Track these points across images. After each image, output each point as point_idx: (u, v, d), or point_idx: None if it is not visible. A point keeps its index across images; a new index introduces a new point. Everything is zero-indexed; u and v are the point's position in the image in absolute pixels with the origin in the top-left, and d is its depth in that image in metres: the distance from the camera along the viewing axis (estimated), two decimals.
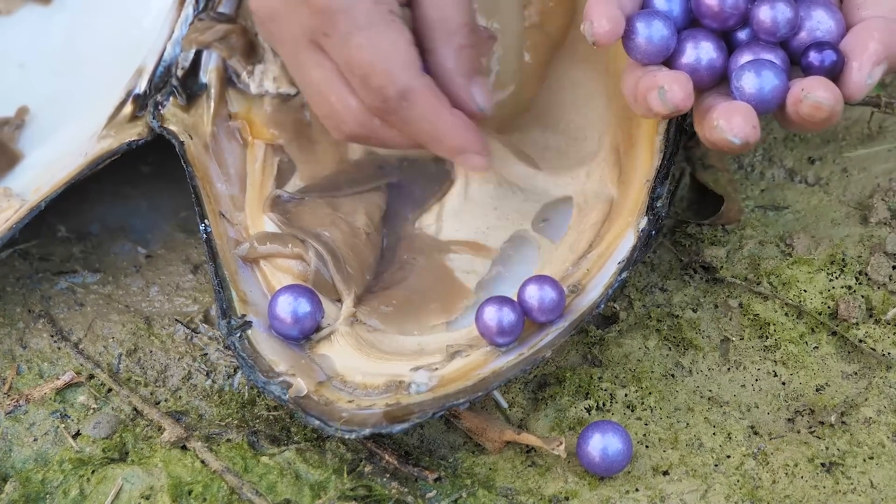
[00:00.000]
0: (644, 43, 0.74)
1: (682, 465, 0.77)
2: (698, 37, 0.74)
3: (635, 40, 0.74)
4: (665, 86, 0.72)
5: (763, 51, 0.73)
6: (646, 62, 0.75)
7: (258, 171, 0.86)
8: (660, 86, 0.72)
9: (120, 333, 0.84)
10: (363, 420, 0.74)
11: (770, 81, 0.72)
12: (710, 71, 0.74)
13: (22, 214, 0.83)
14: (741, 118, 0.71)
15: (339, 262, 0.81)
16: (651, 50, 0.74)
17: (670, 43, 0.74)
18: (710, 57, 0.74)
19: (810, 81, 0.71)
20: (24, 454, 0.79)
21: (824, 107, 0.70)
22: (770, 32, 0.73)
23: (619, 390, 0.80)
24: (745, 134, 0.71)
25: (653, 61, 0.74)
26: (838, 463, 0.77)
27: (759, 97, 0.72)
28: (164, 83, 0.88)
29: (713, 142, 0.72)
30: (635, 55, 0.75)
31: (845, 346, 0.82)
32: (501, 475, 0.77)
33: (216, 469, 0.76)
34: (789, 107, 0.72)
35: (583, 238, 0.82)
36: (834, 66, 0.72)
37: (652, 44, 0.74)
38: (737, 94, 0.73)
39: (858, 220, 0.88)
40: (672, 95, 0.72)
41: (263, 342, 0.78)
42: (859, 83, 0.71)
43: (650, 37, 0.74)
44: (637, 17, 0.74)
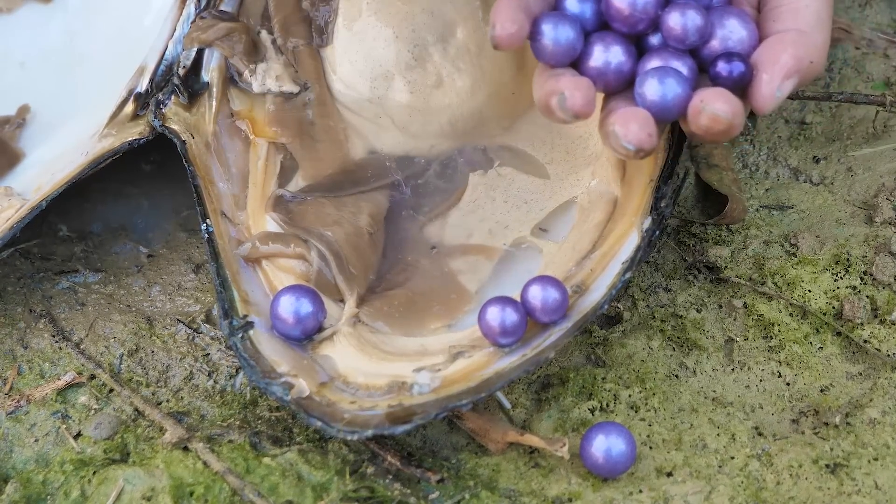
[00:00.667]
0: (550, 45, 0.73)
1: (686, 466, 0.77)
2: (607, 40, 0.74)
3: (541, 42, 0.74)
4: (566, 92, 0.72)
5: (672, 58, 0.73)
6: (553, 64, 0.74)
7: (260, 169, 0.86)
8: (561, 91, 0.72)
9: (121, 333, 0.84)
10: (365, 421, 0.74)
11: (672, 90, 0.71)
12: (617, 75, 0.74)
13: (23, 214, 0.83)
14: (637, 125, 0.71)
15: (342, 261, 0.81)
16: (557, 52, 0.74)
17: (577, 45, 0.74)
18: (619, 60, 0.74)
19: (710, 93, 0.71)
20: (25, 455, 0.79)
21: (721, 119, 0.70)
22: (679, 40, 0.73)
23: (623, 391, 0.80)
24: (640, 141, 0.71)
25: (560, 63, 0.74)
26: (843, 464, 0.77)
27: (661, 105, 0.72)
28: (166, 82, 0.88)
29: (609, 146, 0.72)
30: (542, 57, 0.74)
31: (850, 347, 0.82)
32: (504, 476, 0.77)
33: (218, 470, 0.76)
34: (689, 117, 0.71)
35: (586, 238, 0.81)
36: (742, 77, 0.72)
37: (558, 46, 0.73)
38: (639, 101, 0.72)
39: (863, 220, 0.88)
40: (572, 102, 0.72)
41: (265, 343, 0.78)
42: (768, 96, 0.71)
43: (556, 39, 0.73)
44: (543, 18, 0.74)
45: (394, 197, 0.86)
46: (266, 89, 0.88)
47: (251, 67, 0.88)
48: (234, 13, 0.89)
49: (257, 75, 0.88)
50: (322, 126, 0.88)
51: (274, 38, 0.89)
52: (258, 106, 0.88)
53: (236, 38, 0.88)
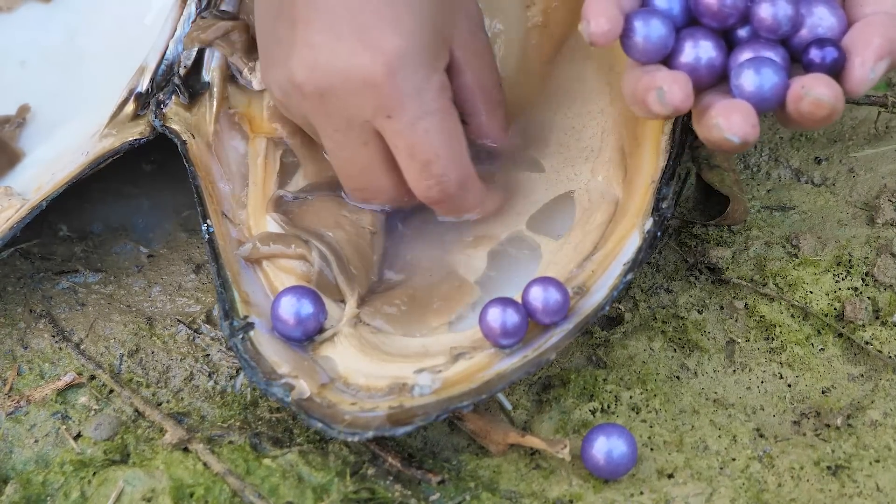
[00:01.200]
0: (642, 42, 0.73)
1: (688, 467, 0.77)
2: (697, 35, 0.74)
3: (633, 39, 0.73)
4: (664, 86, 0.72)
5: (763, 48, 0.73)
6: (644, 61, 0.74)
7: (260, 167, 0.86)
8: (658, 86, 0.72)
9: (121, 334, 0.84)
10: (366, 423, 0.73)
11: (770, 79, 0.71)
12: (709, 70, 0.74)
13: (23, 214, 0.83)
14: (740, 116, 0.70)
15: (343, 262, 0.81)
16: (649, 49, 0.74)
17: (668, 42, 0.74)
18: (710, 56, 0.74)
19: (811, 78, 0.71)
20: (25, 456, 0.78)
21: (825, 103, 0.70)
22: (771, 30, 0.73)
23: (624, 392, 0.80)
24: (745, 133, 0.70)
25: (651, 60, 0.74)
26: (844, 466, 0.76)
27: (759, 95, 0.71)
28: (167, 82, 0.88)
29: (712, 140, 0.71)
30: (633, 54, 0.74)
31: (851, 348, 0.82)
32: (505, 478, 0.77)
33: (218, 471, 0.76)
34: (790, 104, 0.71)
35: (588, 239, 0.81)
36: (835, 63, 0.72)
37: (650, 43, 0.73)
38: (736, 93, 0.72)
39: (865, 221, 0.88)
40: (671, 96, 0.71)
41: (266, 343, 0.78)
42: (862, 78, 0.71)
43: (648, 36, 0.73)
44: (635, 15, 0.74)
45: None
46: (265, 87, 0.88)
47: (251, 65, 0.88)
48: (234, 12, 0.89)
49: (256, 73, 0.88)
50: None
51: None
52: (256, 104, 0.88)
53: (236, 36, 0.88)
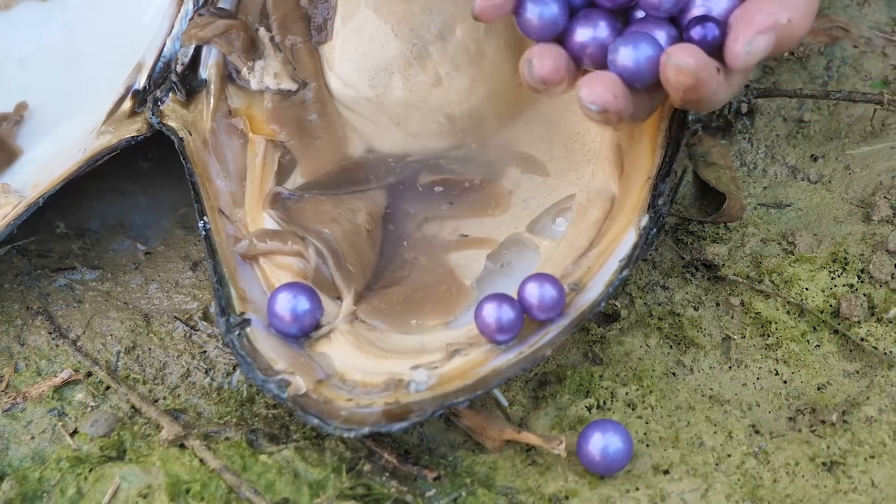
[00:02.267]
0: (534, 20, 0.75)
1: (683, 464, 0.77)
2: (592, 15, 0.75)
3: (525, 16, 0.75)
4: (534, 59, 0.73)
5: (652, 27, 0.74)
6: (537, 39, 0.76)
7: (258, 167, 0.86)
8: (529, 59, 0.73)
9: (118, 331, 0.84)
10: (362, 419, 0.73)
11: (644, 53, 0.73)
12: (601, 49, 0.75)
13: (20, 211, 0.83)
14: (602, 87, 0.72)
15: (340, 259, 0.81)
16: (541, 27, 0.75)
17: (560, 20, 0.75)
18: (602, 35, 0.75)
19: (676, 47, 0.72)
20: (22, 452, 0.78)
21: (685, 70, 0.71)
22: (654, 7, 0.74)
23: (620, 389, 0.80)
24: (604, 101, 0.72)
25: (543, 38, 0.76)
26: (839, 462, 0.76)
27: (634, 69, 0.73)
28: (164, 79, 0.88)
29: (582, 112, 0.73)
30: (527, 32, 0.76)
31: (847, 345, 0.82)
32: (501, 474, 0.77)
33: (214, 467, 0.76)
34: (661, 75, 0.72)
35: (583, 236, 0.81)
36: (716, 40, 0.73)
37: (542, 21, 0.75)
38: (611, 68, 0.74)
39: (861, 218, 0.88)
40: (540, 67, 0.73)
41: (262, 340, 0.78)
42: (738, 52, 0.72)
43: (541, 14, 0.75)
44: None
45: (392, 195, 0.86)
46: (264, 87, 0.88)
47: (249, 65, 0.88)
48: (232, 10, 0.89)
49: (255, 73, 0.88)
50: (320, 123, 0.88)
51: (272, 36, 0.89)
52: (256, 103, 0.88)
53: (234, 35, 0.88)
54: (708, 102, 0.73)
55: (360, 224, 0.83)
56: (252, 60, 0.88)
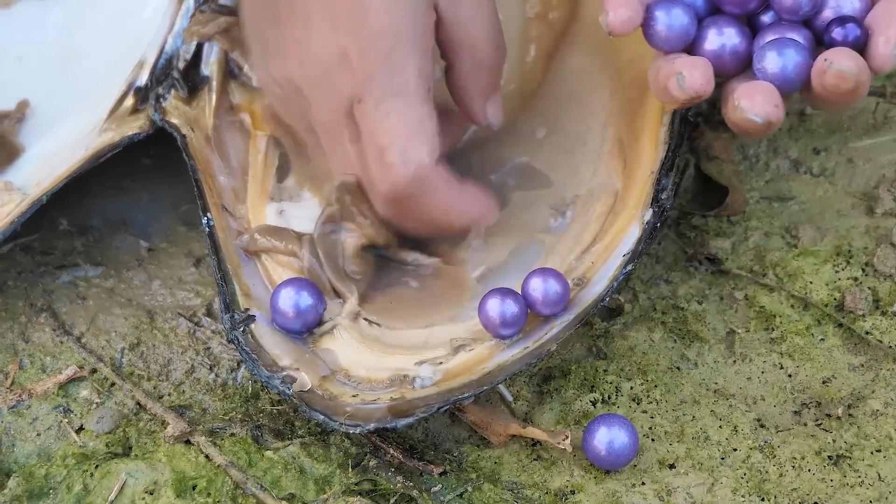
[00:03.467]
0: (664, 31, 0.74)
1: (689, 458, 0.77)
2: (720, 23, 0.74)
3: (655, 28, 0.74)
4: (684, 71, 0.72)
5: (787, 31, 0.73)
6: (667, 50, 0.75)
7: (260, 163, 0.86)
8: (678, 72, 0.72)
9: (122, 327, 0.84)
10: (367, 415, 0.73)
11: (792, 59, 0.72)
12: (733, 56, 0.74)
13: (23, 208, 0.83)
14: (762, 97, 0.71)
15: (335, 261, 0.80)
16: (671, 38, 0.74)
17: (690, 30, 0.74)
18: (733, 42, 0.74)
19: (833, 52, 0.71)
20: (27, 449, 0.78)
21: (848, 76, 0.70)
22: (791, 11, 0.73)
23: (625, 383, 0.80)
24: (766, 112, 0.71)
25: (674, 49, 0.75)
26: (845, 456, 0.77)
27: (783, 76, 0.72)
28: (166, 76, 0.88)
29: (737, 123, 0.72)
30: (656, 43, 0.75)
31: (852, 338, 0.82)
32: (507, 469, 0.77)
33: (220, 463, 0.76)
34: (814, 80, 0.71)
35: (587, 230, 0.81)
36: (857, 41, 0.72)
37: (672, 31, 0.74)
38: (760, 76, 0.73)
39: (864, 211, 0.88)
40: (691, 80, 0.72)
41: (267, 336, 0.78)
42: (886, 55, 0.71)
43: (670, 25, 0.74)
44: (656, 5, 0.74)
45: None
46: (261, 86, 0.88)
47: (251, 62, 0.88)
48: (233, 7, 0.89)
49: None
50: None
51: None
52: (258, 100, 0.88)
53: (236, 32, 0.88)
54: (855, 102, 0.72)
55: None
56: None
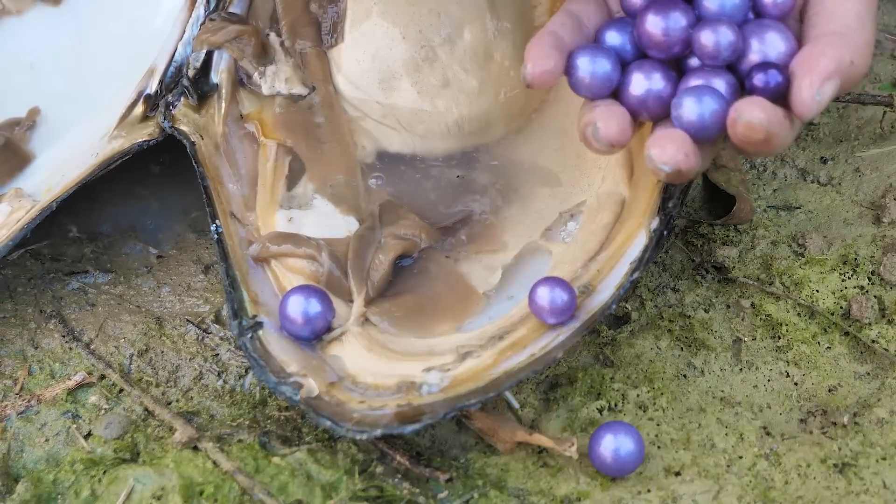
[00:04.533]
0: (587, 78, 0.73)
1: (695, 465, 0.77)
2: (645, 67, 0.73)
3: (577, 76, 0.73)
4: (599, 122, 0.71)
5: (710, 76, 0.72)
6: (590, 97, 0.74)
7: (269, 170, 0.86)
8: (594, 122, 0.71)
9: (131, 334, 0.84)
10: (374, 421, 0.74)
11: (709, 107, 0.70)
12: (658, 101, 0.73)
13: (33, 215, 0.83)
14: (673, 146, 0.70)
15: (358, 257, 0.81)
16: (594, 85, 0.73)
17: (613, 77, 0.73)
18: (658, 87, 0.73)
19: (744, 102, 0.69)
20: (36, 454, 0.79)
21: (756, 126, 0.68)
22: (713, 56, 0.72)
23: (631, 391, 0.80)
24: (676, 161, 0.69)
25: (597, 96, 0.73)
26: (851, 464, 0.77)
27: (700, 124, 0.71)
28: (175, 83, 0.88)
29: (651, 170, 0.71)
30: (579, 91, 0.74)
31: (858, 347, 0.82)
32: (513, 476, 0.77)
33: (228, 469, 0.76)
34: (728, 129, 0.70)
35: (594, 239, 0.81)
36: (779, 87, 0.70)
37: (595, 79, 0.73)
38: (676, 123, 0.71)
39: (871, 220, 0.88)
40: (606, 132, 0.71)
41: (275, 343, 0.78)
42: (808, 100, 0.69)
43: (593, 72, 0.73)
44: (578, 52, 0.73)
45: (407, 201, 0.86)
46: (275, 91, 0.88)
47: (260, 70, 0.89)
48: (243, 15, 0.90)
49: (266, 77, 0.89)
50: (328, 128, 0.88)
51: (282, 41, 0.90)
52: (267, 108, 0.88)
53: (245, 40, 0.88)
54: (773, 151, 0.71)
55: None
56: (263, 65, 0.89)
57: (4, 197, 0.86)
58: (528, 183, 0.86)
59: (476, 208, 0.86)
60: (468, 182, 0.87)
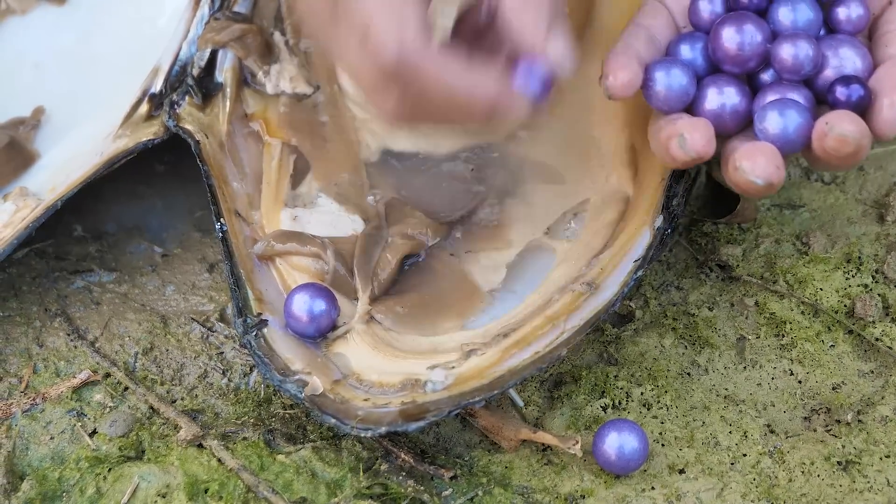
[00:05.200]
0: (663, 91, 0.73)
1: (699, 463, 0.77)
2: (720, 82, 0.74)
3: (654, 89, 0.74)
4: (685, 133, 0.71)
5: (787, 90, 0.72)
6: (667, 110, 0.74)
7: (274, 169, 0.86)
8: (680, 133, 0.71)
9: (136, 332, 0.84)
10: (379, 418, 0.74)
11: (794, 120, 0.71)
12: (734, 115, 0.73)
13: (38, 213, 0.83)
14: (764, 159, 0.70)
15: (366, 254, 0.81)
16: (671, 98, 0.74)
17: (689, 90, 0.74)
18: (733, 102, 0.73)
19: (835, 115, 0.70)
20: (41, 452, 0.79)
21: (849, 140, 0.69)
22: (793, 71, 0.72)
23: (635, 389, 0.80)
24: (768, 174, 0.70)
25: (673, 109, 0.74)
26: (855, 461, 0.77)
27: (784, 137, 0.71)
28: (180, 82, 0.88)
29: (738, 184, 0.71)
30: (655, 104, 0.74)
31: (861, 345, 0.82)
32: (517, 473, 0.77)
33: (232, 467, 0.76)
34: (815, 142, 0.70)
35: (598, 237, 0.82)
36: (861, 101, 0.71)
37: (671, 92, 0.73)
38: (761, 136, 0.72)
39: (875, 219, 0.88)
40: (693, 143, 0.71)
41: (279, 341, 0.78)
42: (890, 119, 0.70)
43: (669, 85, 0.73)
44: (655, 66, 0.74)
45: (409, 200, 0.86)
46: (280, 91, 0.89)
47: (265, 69, 0.89)
48: (247, 14, 0.90)
49: (271, 77, 0.89)
50: (333, 126, 0.88)
51: (287, 40, 0.90)
52: (272, 107, 0.88)
53: (250, 39, 0.88)
54: (855, 165, 0.71)
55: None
56: (268, 64, 0.89)
57: (9, 196, 0.86)
58: (532, 181, 0.86)
59: (480, 206, 0.86)
60: (472, 180, 0.87)
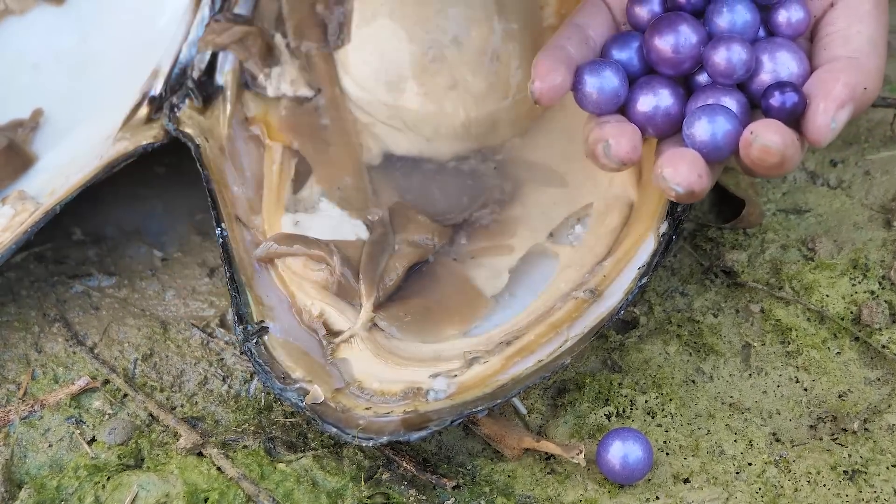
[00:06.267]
0: (594, 94, 0.72)
1: (704, 472, 0.76)
2: (653, 84, 0.73)
3: (585, 91, 0.72)
4: (610, 140, 0.70)
5: (720, 94, 0.71)
6: (598, 112, 0.73)
7: (275, 173, 0.86)
8: (605, 139, 0.71)
9: (135, 338, 0.84)
10: (381, 427, 0.73)
11: (722, 127, 0.70)
12: (666, 118, 0.72)
13: (37, 217, 0.83)
14: (686, 166, 0.69)
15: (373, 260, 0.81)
16: (602, 101, 0.72)
17: (621, 92, 0.72)
18: (667, 104, 0.72)
19: (761, 124, 0.69)
20: (39, 460, 0.78)
21: (773, 150, 0.68)
22: (726, 75, 0.71)
23: (640, 396, 0.80)
24: (689, 182, 0.69)
25: (605, 111, 0.73)
26: (861, 470, 0.76)
27: (712, 144, 0.70)
28: (180, 85, 0.88)
29: (661, 190, 0.70)
30: (587, 107, 0.73)
31: (868, 352, 0.82)
32: (520, 482, 0.76)
33: (232, 476, 0.76)
34: (741, 151, 0.69)
35: (602, 243, 0.81)
36: (795, 108, 0.69)
37: (603, 94, 0.72)
38: (688, 142, 0.71)
39: (881, 224, 0.88)
40: (617, 149, 0.70)
41: (280, 348, 0.78)
42: (823, 127, 0.69)
43: (601, 88, 0.72)
44: (585, 68, 0.72)
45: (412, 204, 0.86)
46: (281, 93, 0.88)
47: (266, 71, 0.88)
48: (248, 16, 0.89)
49: (272, 79, 0.88)
50: (334, 130, 0.88)
51: (288, 42, 0.89)
52: (272, 110, 0.88)
53: (251, 41, 0.88)
54: (783, 174, 0.70)
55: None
56: (268, 67, 0.88)
57: (7, 199, 0.86)
58: (534, 184, 0.86)
59: (483, 209, 0.85)
60: (475, 184, 0.86)
